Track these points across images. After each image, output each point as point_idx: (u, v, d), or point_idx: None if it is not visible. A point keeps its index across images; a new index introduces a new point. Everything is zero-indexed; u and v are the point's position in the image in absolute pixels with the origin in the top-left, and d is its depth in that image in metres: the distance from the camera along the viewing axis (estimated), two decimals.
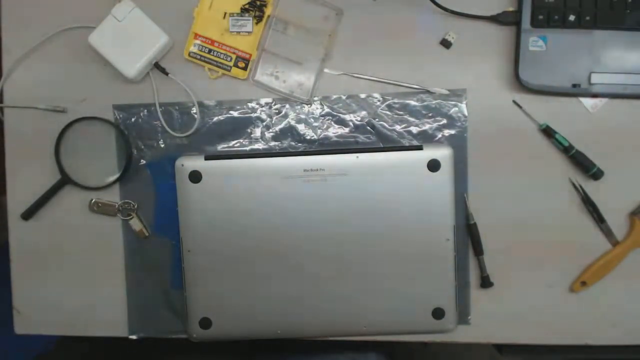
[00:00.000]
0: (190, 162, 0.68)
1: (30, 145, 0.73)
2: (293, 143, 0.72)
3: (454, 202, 0.68)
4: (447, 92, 0.70)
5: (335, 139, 0.71)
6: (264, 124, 0.72)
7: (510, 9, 0.69)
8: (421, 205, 0.68)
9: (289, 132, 0.72)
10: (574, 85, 0.68)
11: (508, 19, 0.69)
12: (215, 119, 0.72)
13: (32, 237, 0.74)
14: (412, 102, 0.71)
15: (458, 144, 0.70)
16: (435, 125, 0.71)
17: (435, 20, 0.70)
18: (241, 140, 0.72)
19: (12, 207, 0.73)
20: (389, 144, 0.71)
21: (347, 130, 0.71)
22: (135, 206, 0.72)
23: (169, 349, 0.83)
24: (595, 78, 0.68)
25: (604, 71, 0.68)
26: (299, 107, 0.71)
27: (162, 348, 0.82)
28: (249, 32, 0.70)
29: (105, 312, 0.74)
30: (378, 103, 0.71)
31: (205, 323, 0.70)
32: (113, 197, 0.73)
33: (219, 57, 0.70)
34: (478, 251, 0.71)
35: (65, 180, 0.72)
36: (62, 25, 0.71)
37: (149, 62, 0.69)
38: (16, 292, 0.74)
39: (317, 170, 0.67)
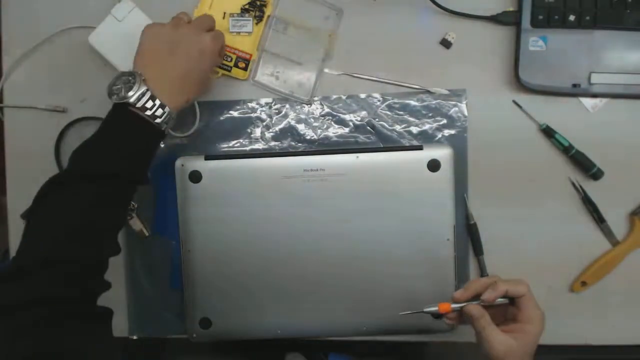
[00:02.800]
0: (190, 162, 0.68)
1: (30, 145, 0.73)
2: (293, 143, 0.71)
3: (454, 202, 0.68)
4: (447, 92, 0.70)
5: (335, 139, 0.71)
6: (264, 124, 0.72)
7: (510, 9, 0.69)
8: (421, 205, 0.68)
9: (289, 132, 0.72)
10: (574, 85, 0.68)
11: (508, 19, 0.69)
12: (215, 119, 0.72)
13: None
14: (412, 102, 0.71)
15: (458, 144, 0.70)
16: (435, 125, 0.71)
17: (435, 20, 0.70)
18: (241, 140, 0.72)
19: (12, 207, 0.73)
20: (389, 144, 0.71)
21: (347, 130, 0.71)
22: (135, 206, 0.72)
23: (168, 349, 0.83)
24: (595, 78, 0.68)
25: (604, 71, 0.68)
26: (299, 107, 0.71)
27: (162, 348, 0.83)
28: (249, 33, 0.70)
29: None
30: (378, 103, 0.71)
31: (205, 323, 0.70)
32: None
33: None
34: (478, 251, 0.71)
35: None
36: (62, 25, 0.71)
37: None
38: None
39: (317, 170, 0.67)
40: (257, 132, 0.72)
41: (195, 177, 0.68)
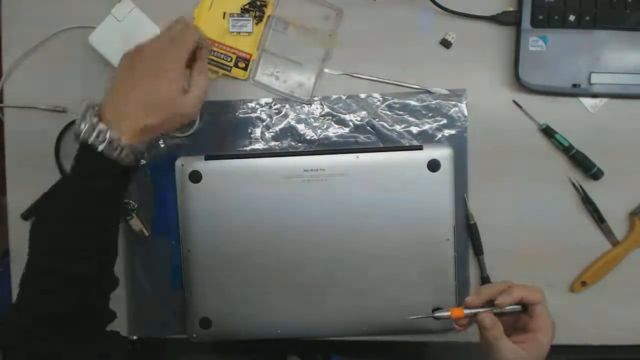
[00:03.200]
0: (190, 162, 0.68)
1: (30, 145, 0.73)
2: (293, 143, 0.71)
3: (454, 202, 0.68)
4: (447, 92, 0.70)
5: (335, 139, 0.71)
6: (264, 124, 0.72)
7: (510, 9, 0.69)
8: (421, 205, 0.68)
9: (289, 132, 0.72)
10: (574, 85, 0.68)
11: (508, 19, 0.69)
12: (215, 119, 0.71)
13: None
14: (412, 102, 0.71)
15: (458, 144, 0.70)
16: (435, 125, 0.71)
17: (435, 20, 0.70)
18: (241, 140, 0.72)
19: (12, 207, 0.73)
20: (389, 144, 0.71)
21: (347, 130, 0.71)
22: (135, 206, 0.72)
23: (168, 349, 0.83)
24: (595, 78, 0.68)
25: (604, 71, 0.68)
26: (299, 107, 0.71)
27: (162, 348, 0.83)
28: (249, 33, 0.70)
29: None
30: (378, 103, 0.71)
31: (205, 323, 0.70)
32: None
33: (219, 58, 0.70)
34: (478, 251, 0.71)
35: None
36: (62, 25, 0.71)
37: None
38: (16, 292, 0.74)
39: (317, 170, 0.67)
40: (257, 132, 0.72)
41: (195, 177, 0.68)
